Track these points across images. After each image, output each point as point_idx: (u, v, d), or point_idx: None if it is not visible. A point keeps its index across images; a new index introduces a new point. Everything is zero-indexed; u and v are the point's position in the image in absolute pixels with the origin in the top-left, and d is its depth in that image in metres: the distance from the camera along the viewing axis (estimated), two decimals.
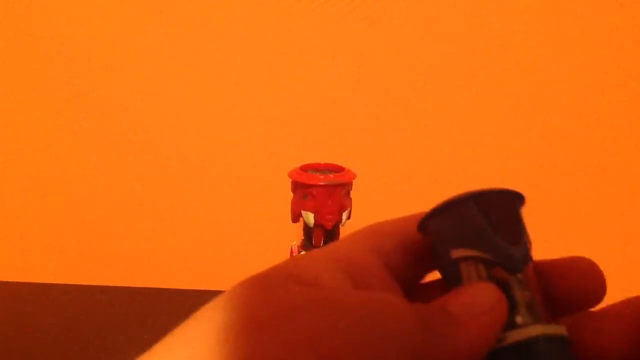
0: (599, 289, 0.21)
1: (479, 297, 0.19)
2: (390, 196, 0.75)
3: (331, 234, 0.53)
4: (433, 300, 0.19)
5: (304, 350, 0.16)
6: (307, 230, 0.53)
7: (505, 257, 0.20)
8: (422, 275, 0.23)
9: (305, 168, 0.53)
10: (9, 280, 0.76)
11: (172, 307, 0.71)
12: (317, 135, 0.74)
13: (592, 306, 0.21)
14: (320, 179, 0.51)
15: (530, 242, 0.21)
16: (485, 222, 0.20)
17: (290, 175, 0.52)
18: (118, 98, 0.75)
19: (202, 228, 0.78)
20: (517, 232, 0.20)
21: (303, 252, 0.54)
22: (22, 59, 0.74)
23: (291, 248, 0.55)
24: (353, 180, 0.53)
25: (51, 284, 0.75)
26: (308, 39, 0.72)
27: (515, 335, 0.19)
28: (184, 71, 0.74)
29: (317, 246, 0.53)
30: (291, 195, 0.53)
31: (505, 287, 0.20)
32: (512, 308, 0.19)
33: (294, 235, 0.56)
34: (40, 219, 0.79)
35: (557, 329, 0.19)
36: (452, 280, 0.21)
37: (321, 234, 0.53)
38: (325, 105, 0.74)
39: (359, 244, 0.21)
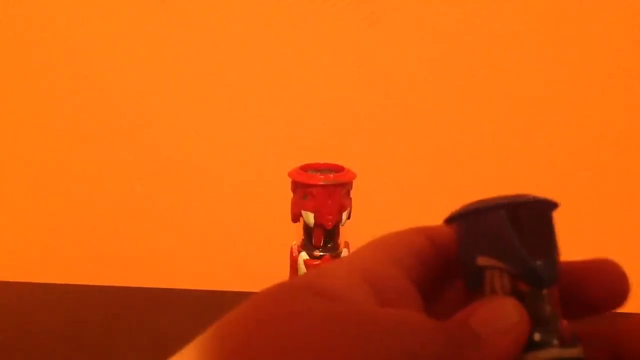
0: (622, 291, 0.20)
1: (502, 313, 0.19)
2: (390, 196, 0.75)
3: (331, 234, 0.53)
4: (454, 314, 0.19)
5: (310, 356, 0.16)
6: (307, 230, 0.53)
7: (533, 274, 0.19)
8: (437, 288, 0.23)
9: (305, 168, 0.53)
10: (9, 280, 0.76)
11: (172, 307, 0.71)
12: (317, 135, 0.74)
13: (615, 308, 0.21)
14: (320, 179, 0.51)
15: (559, 254, 0.20)
16: (515, 235, 0.19)
17: (290, 175, 0.52)
18: (118, 98, 0.75)
19: (202, 228, 0.78)
20: (548, 246, 0.20)
21: (304, 253, 0.54)
22: (22, 58, 0.74)
23: (291, 248, 0.55)
24: (353, 180, 0.53)
25: (51, 284, 0.75)
26: (308, 38, 0.72)
27: (532, 358, 0.19)
28: (183, 71, 0.74)
29: (317, 246, 0.53)
30: (291, 195, 0.53)
31: (528, 303, 0.19)
32: (533, 325, 0.19)
33: (294, 235, 0.56)
34: (40, 219, 0.79)
35: (573, 352, 0.19)
36: (473, 285, 0.21)
37: (321, 234, 0.53)
38: (325, 105, 0.74)
39: (382, 255, 0.21)
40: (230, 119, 0.75)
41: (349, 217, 0.54)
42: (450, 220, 0.22)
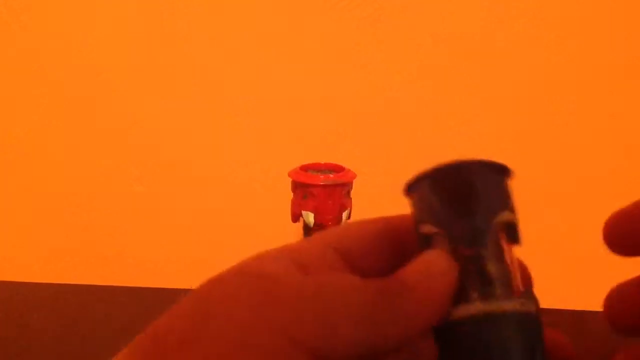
0: None
1: (429, 262, 0.19)
2: (391, 196, 0.75)
3: None
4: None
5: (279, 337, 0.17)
6: (307, 230, 0.53)
7: (460, 232, 0.20)
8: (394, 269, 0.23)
9: (305, 168, 0.53)
10: (9, 280, 0.76)
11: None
12: (317, 135, 0.74)
13: None
14: (321, 179, 0.51)
15: (500, 213, 0.20)
16: (438, 199, 0.20)
17: (290, 175, 0.52)
18: (118, 98, 0.75)
19: (202, 228, 0.78)
20: (474, 206, 0.20)
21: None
22: (23, 59, 0.74)
23: None
24: (353, 180, 0.53)
25: (51, 284, 0.75)
26: (308, 38, 0.72)
27: (456, 312, 0.19)
28: (184, 71, 0.74)
29: None
30: (291, 195, 0.53)
31: (466, 261, 0.19)
32: (470, 283, 0.19)
33: (294, 235, 0.56)
34: (40, 219, 0.79)
35: (500, 306, 0.19)
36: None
37: None
38: (325, 105, 0.74)
39: (317, 239, 0.22)
40: (230, 119, 0.75)
41: (349, 217, 0.54)
42: (404, 192, 0.23)
